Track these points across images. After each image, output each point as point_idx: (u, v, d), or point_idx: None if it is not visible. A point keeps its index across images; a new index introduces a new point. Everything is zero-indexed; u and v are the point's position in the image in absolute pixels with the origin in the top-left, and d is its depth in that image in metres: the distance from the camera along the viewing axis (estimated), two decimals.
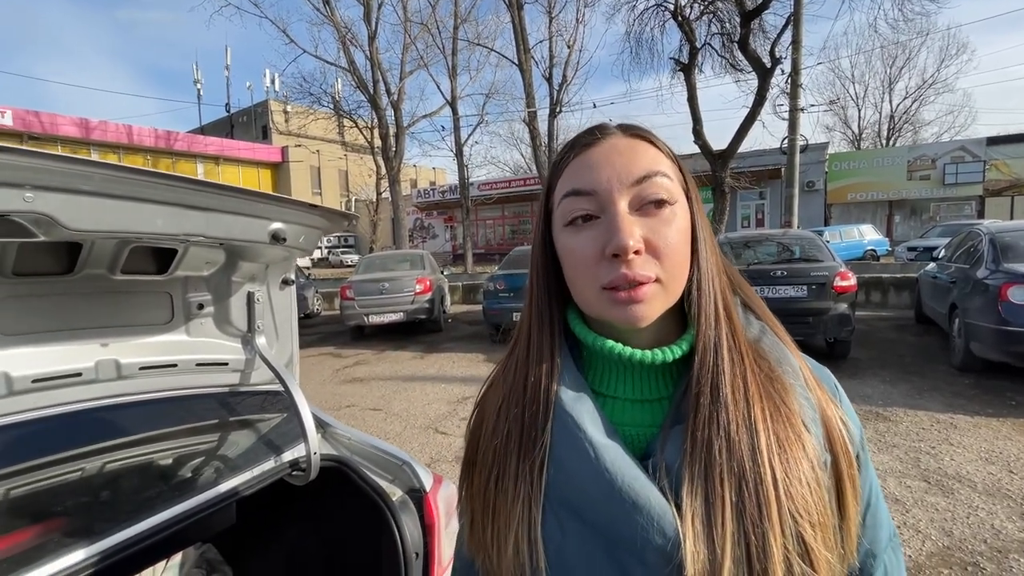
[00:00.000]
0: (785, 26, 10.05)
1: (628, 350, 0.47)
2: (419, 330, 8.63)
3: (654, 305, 0.44)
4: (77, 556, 0.77)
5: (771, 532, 0.39)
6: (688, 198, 0.48)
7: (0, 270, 0.86)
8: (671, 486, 0.42)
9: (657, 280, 0.44)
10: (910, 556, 2.21)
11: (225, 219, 0.83)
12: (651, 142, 0.48)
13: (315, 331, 9.43)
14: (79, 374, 1.00)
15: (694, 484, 0.41)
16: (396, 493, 1.16)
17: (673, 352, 0.47)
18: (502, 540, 0.45)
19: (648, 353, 0.47)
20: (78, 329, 1.01)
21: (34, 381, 0.94)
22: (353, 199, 29.71)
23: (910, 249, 13.92)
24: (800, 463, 0.42)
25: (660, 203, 0.45)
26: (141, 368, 1.09)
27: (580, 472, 0.44)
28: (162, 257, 1.03)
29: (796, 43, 9.87)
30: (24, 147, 0.58)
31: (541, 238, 0.51)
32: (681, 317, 0.50)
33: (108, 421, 1.06)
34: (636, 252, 0.43)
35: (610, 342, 0.48)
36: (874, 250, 15.61)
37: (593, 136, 0.48)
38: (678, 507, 0.41)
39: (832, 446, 0.45)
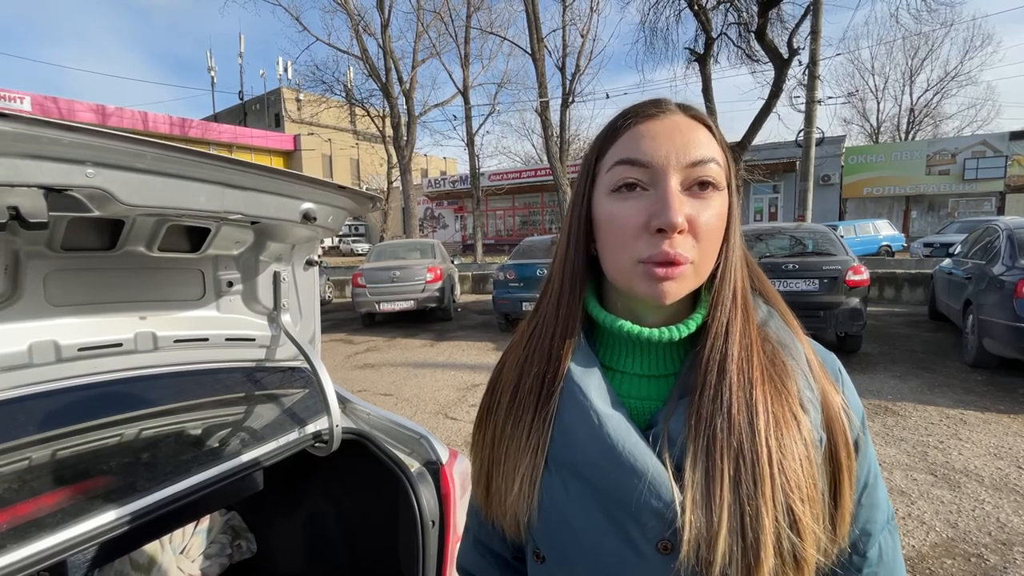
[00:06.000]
0: (804, 15, 9.86)
1: (637, 328, 0.49)
2: (429, 318, 8.72)
3: (684, 284, 0.46)
4: (117, 513, 0.82)
5: (764, 505, 0.42)
6: (729, 188, 0.49)
7: (50, 244, 0.92)
8: (672, 456, 0.45)
9: (691, 262, 0.45)
10: (913, 546, 2.23)
11: (262, 198, 0.88)
12: (708, 127, 0.49)
13: (327, 318, 9.55)
14: (120, 344, 1.06)
15: (696, 458, 0.43)
16: (414, 465, 1.21)
17: (680, 331, 0.49)
18: (511, 480, 0.50)
19: (656, 331, 0.49)
20: (119, 302, 1.07)
21: (80, 349, 1.01)
22: (364, 188, 29.74)
23: (926, 245, 13.70)
24: (795, 443, 0.44)
25: (708, 187, 0.46)
26: (176, 341, 1.15)
27: (585, 438, 0.47)
28: (196, 236, 1.09)
29: (815, 33, 9.68)
30: (86, 125, 0.62)
31: (581, 202, 0.51)
32: (691, 297, 0.50)
33: (145, 390, 1.12)
34: (680, 231, 0.44)
35: (620, 321, 0.50)
36: (889, 246, 15.37)
37: (656, 108, 0.48)
38: (679, 477, 0.43)
39: (830, 427, 0.47)
